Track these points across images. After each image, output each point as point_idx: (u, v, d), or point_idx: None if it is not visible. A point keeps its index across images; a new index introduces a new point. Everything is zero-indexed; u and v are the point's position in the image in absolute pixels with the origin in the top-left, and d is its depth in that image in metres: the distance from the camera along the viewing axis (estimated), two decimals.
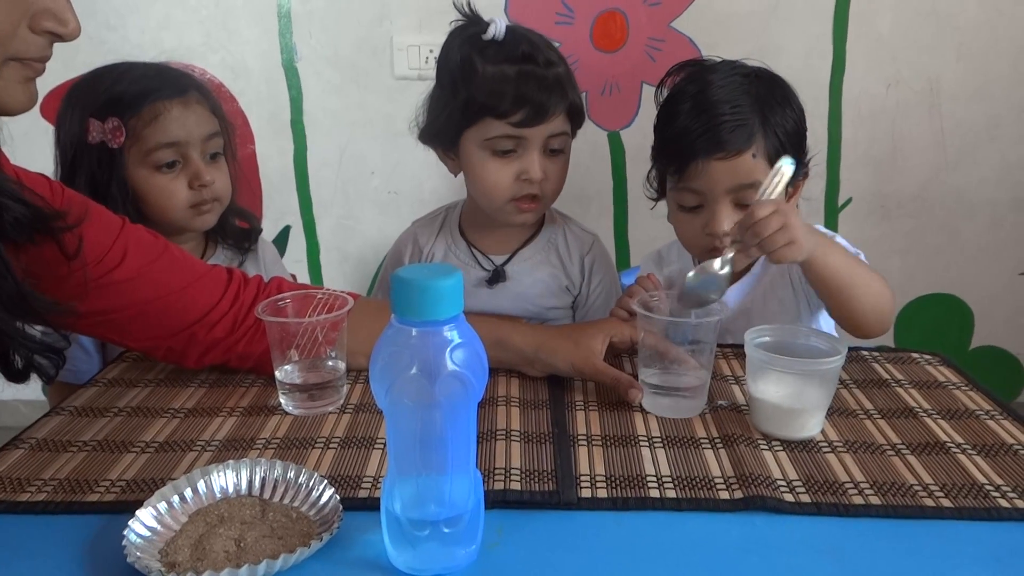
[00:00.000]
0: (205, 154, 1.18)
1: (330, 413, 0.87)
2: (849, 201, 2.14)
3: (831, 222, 2.14)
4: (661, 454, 0.78)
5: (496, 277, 1.22)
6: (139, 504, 0.65)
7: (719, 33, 1.98)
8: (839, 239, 1.10)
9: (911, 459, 0.76)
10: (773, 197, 0.89)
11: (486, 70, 1.09)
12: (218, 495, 0.69)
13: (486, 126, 1.11)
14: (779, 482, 0.72)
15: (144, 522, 0.64)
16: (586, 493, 0.71)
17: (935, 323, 2.23)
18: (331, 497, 0.68)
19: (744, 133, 1.00)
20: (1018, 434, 0.81)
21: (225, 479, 0.70)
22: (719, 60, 1.08)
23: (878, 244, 2.13)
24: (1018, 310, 2.21)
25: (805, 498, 0.70)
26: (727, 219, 1.02)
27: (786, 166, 0.90)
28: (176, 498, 0.67)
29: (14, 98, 0.72)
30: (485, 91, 1.09)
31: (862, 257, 1.05)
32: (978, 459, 0.76)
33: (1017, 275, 2.20)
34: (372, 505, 0.65)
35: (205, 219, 1.20)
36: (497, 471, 0.74)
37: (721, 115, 1.00)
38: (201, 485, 0.69)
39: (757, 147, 1.01)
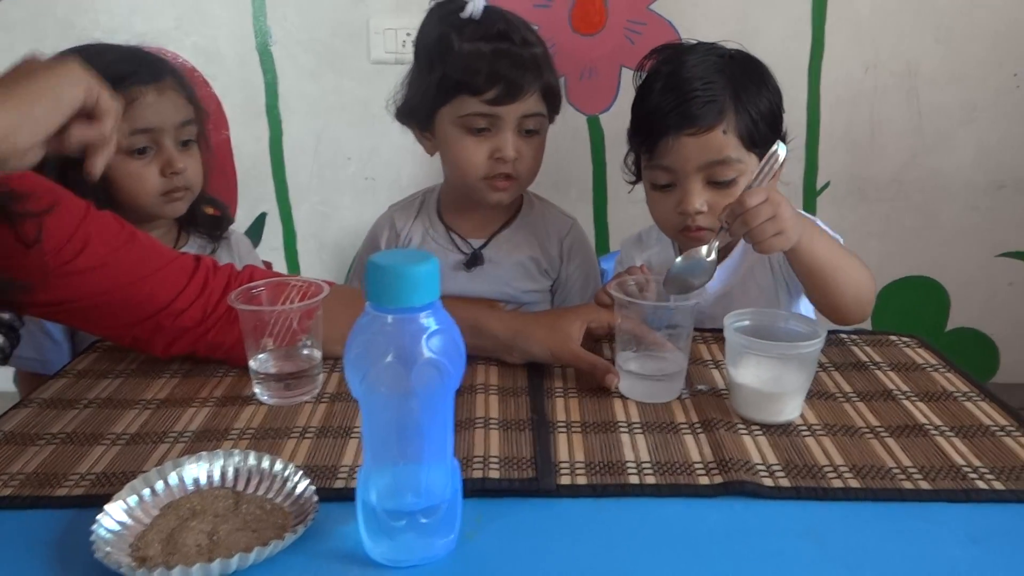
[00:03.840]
0: (178, 141, 1.15)
1: (306, 402, 0.85)
2: (827, 185, 2.14)
3: (809, 205, 2.14)
4: (640, 440, 0.77)
5: (474, 260, 1.21)
6: (109, 498, 0.63)
7: (698, 15, 1.97)
8: (819, 224, 1.10)
9: (890, 442, 0.76)
10: (766, 183, 0.88)
11: (462, 47, 1.09)
12: (190, 487, 0.68)
13: (460, 103, 1.10)
14: (758, 466, 0.72)
15: (114, 516, 0.63)
16: (565, 480, 0.70)
17: (912, 305, 2.24)
18: (307, 488, 0.66)
19: (714, 109, 1.00)
20: (995, 415, 0.81)
21: (197, 471, 0.69)
22: (696, 42, 1.08)
23: (856, 227, 2.13)
24: (993, 292, 2.23)
25: (784, 482, 0.70)
26: (698, 197, 1.02)
27: (780, 151, 0.88)
28: (147, 491, 0.66)
29: None
30: (460, 68, 1.09)
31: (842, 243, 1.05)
32: (956, 441, 0.76)
33: (993, 257, 2.21)
34: (349, 496, 0.64)
35: (176, 207, 1.17)
36: (476, 459, 0.73)
37: (692, 91, 1.00)
38: (173, 477, 0.68)
39: (728, 123, 1.00)
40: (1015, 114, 2.09)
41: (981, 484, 0.69)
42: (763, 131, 1.03)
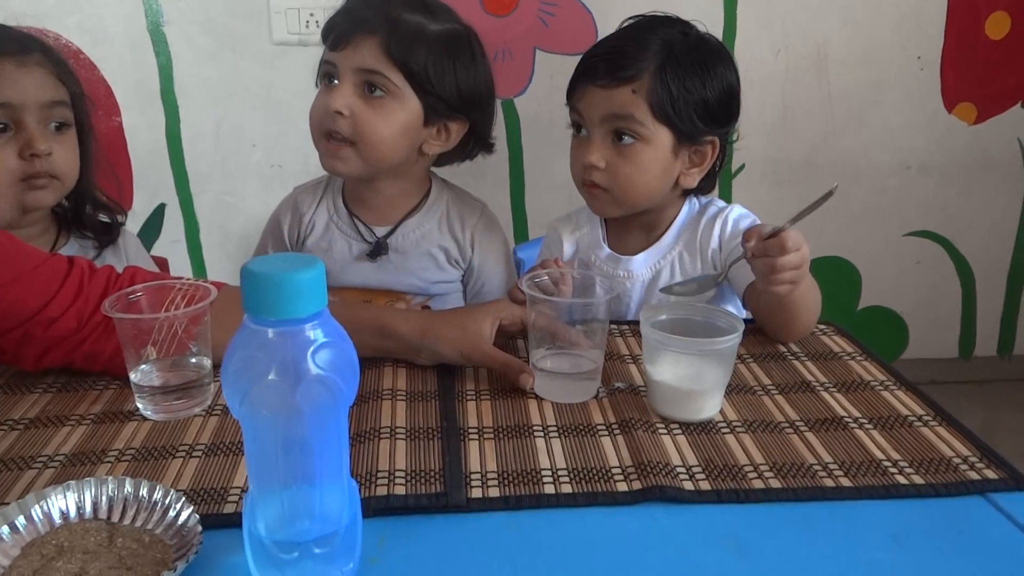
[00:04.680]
0: (45, 123, 1.04)
1: (195, 416, 0.78)
2: (743, 167, 2.15)
3: (725, 188, 2.15)
4: (556, 444, 0.73)
5: (378, 250, 1.15)
6: None
7: None
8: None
9: (809, 436, 0.75)
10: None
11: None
12: (57, 521, 0.61)
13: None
14: (678, 469, 0.69)
15: None
16: (476, 493, 0.66)
17: (825, 285, 2.25)
18: (190, 516, 0.60)
19: (632, 69, 1.00)
20: (912, 404, 0.80)
21: (66, 502, 0.62)
22: (676, 17, 1.08)
23: (771, 208, 2.13)
24: (902, 271, 2.29)
25: (704, 485, 0.67)
26: (596, 151, 1.04)
27: (836, 187, 0.85)
28: (5, 528, 0.59)
29: None
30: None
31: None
32: (875, 433, 0.75)
33: (901, 237, 2.27)
34: (240, 521, 0.58)
35: (39, 196, 1.05)
36: (380, 475, 0.68)
37: (622, 47, 1.02)
38: (36, 511, 0.60)
39: (640, 86, 1.00)
40: (918, 96, 2.14)
41: (902, 479, 0.68)
42: (682, 111, 1.00)
